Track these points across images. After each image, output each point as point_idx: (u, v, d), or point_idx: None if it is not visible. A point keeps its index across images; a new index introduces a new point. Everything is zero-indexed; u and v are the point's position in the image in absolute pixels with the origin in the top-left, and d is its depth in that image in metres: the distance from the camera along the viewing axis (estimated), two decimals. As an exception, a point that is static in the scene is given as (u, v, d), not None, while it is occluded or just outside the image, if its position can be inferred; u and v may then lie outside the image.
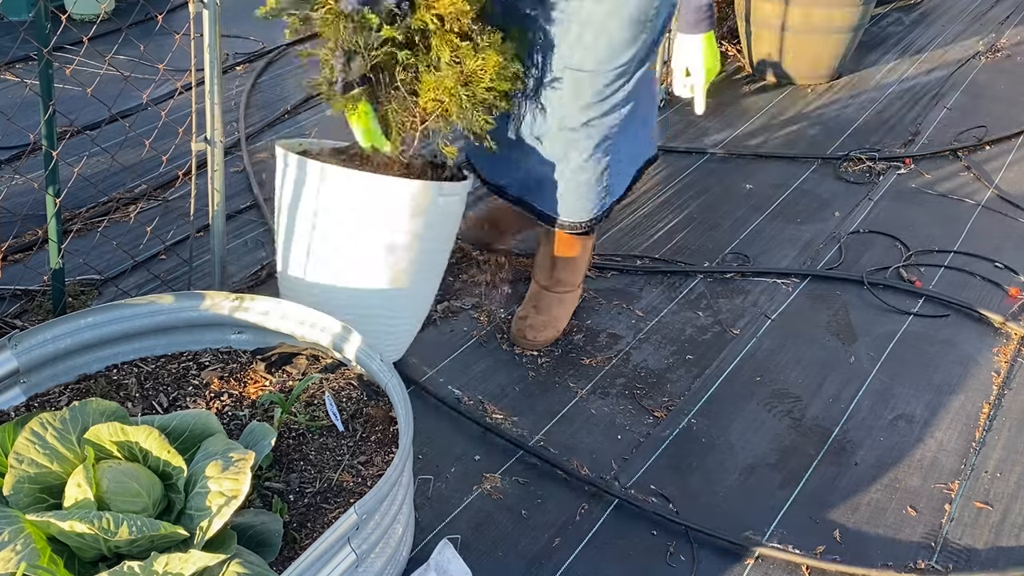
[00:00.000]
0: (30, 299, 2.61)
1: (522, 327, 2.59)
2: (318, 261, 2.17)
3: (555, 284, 2.62)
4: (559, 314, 2.63)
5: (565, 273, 2.61)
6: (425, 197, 2.13)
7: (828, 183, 3.51)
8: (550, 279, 2.62)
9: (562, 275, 2.62)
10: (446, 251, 2.37)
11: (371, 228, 2.12)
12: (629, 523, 2.08)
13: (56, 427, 1.62)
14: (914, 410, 2.42)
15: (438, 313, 2.70)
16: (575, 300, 2.70)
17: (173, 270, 2.84)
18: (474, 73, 2.05)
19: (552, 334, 2.60)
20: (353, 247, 2.14)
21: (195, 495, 1.58)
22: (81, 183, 2.85)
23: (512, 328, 2.61)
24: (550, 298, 2.62)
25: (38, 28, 2.07)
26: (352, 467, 1.82)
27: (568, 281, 2.64)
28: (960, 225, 3.23)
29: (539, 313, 2.61)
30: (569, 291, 2.65)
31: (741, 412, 2.40)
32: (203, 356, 2.11)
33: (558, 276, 2.62)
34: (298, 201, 2.14)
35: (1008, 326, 2.71)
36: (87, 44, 2.42)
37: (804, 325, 2.73)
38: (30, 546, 1.47)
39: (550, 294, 2.62)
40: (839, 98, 4.22)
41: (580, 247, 2.59)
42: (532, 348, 2.58)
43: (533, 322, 2.59)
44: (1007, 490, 2.19)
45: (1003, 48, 4.80)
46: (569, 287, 2.65)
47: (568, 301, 2.66)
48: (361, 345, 1.98)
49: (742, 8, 4.30)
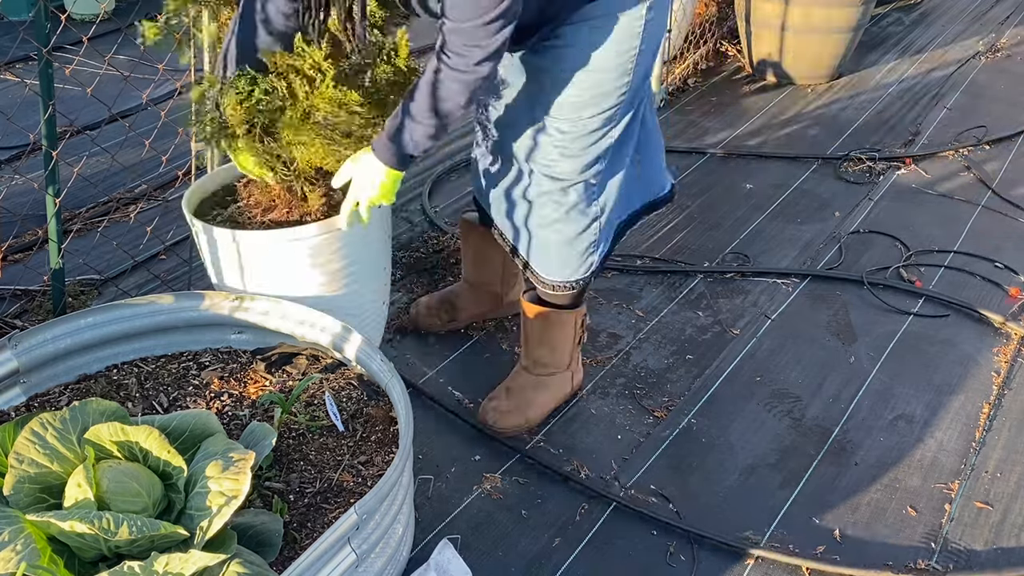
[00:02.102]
0: (30, 299, 2.61)
1: (486, 408, 2.31)
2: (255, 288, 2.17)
3: (533, 364, 2.33)
4: (532, 399, 2.31)
5: (542, 351, 2.31)
6: (332, 226, 2.08)
7: (828, 183, 3.51)
8: (528, 357, 2.34)
9: (538, 353, 2.31)
10: (385, 240, 2.28)
11: (294, 266, 2.09)
12: (629, 523, 2.08)
13: (56, 427, 1.62)
14: (914, 410, 2.42)
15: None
16: (562, 387, 2.36)
17: (173, 270, 2.84)
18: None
19: (517, 421, 2.29)
20: (285, 282, 2.12)
21: (195, 495, 1.58)
22: (81, 183, 2.85)
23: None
24: (525, 380, 2.33)
25: (38, 28, 2.07)
26: (352, 467, 1.82)
27: (547, 362, 2.32)
28: (960, 225, 3.22)
29: (508, 396, 2.31)
30: (550, 374, 2.34)
31: (741, 412, 2.40)
32: (203, 356, 2.11)
33: (535, 355, 2.32)
34: (218, 252, 2.14)
35: (1008, 326, 2.71)
36: (87, 44, 2.42)
37: (804, 325, 2.73)
38: (30, 546, 1.47)
39: (526, 375, 2.34)
40: (839, 98, 4.22)
41: (559, 321, 2.27)
42: (498, 435, 2.29)
43: (499, 404, 2.30)
44: (1007, 490, 2.19)
45: (1003, 48, 4.80)
46: (550, 369, 2.33)
47: (550, 387, 2.34)
48: (361, 345, 1.98)
49: (742, 8, 4.30)
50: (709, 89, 4.30)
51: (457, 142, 3.72)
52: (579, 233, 2.13)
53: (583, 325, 2.33)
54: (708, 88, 4.30)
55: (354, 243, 2.13)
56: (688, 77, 4.34)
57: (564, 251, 2.15)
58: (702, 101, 4.17)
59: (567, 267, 2.18)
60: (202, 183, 2.28)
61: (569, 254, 2.16)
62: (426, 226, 3.16)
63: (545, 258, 2.18)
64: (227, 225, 2.15)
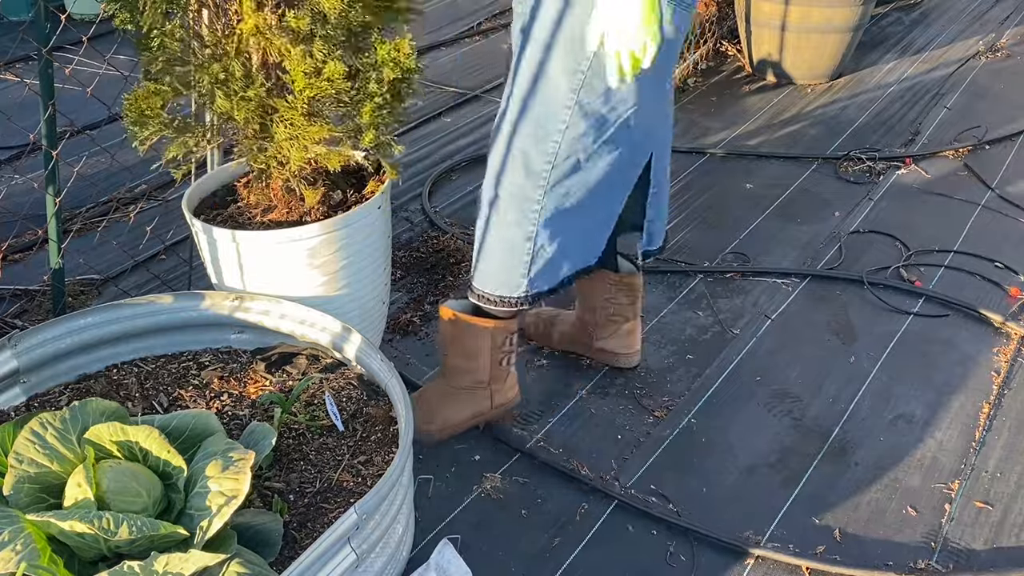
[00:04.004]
0: (30, 299, 2.62)
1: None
2: (255, 288, 2.17)
3: (447, 371, 2.23)
4: (436, 410, 2.21)
5: (454, 359, 2.20)
6: (331, 227, 2.09)
7: (828, 183, 3.51)
8: (445, 361, 2.23)
9: (450, 360, 2.20)
10: (385, 240, 2.27)
11: (293, 266, 2.09)
12: (629, 523, 2.08)
13: (56, 427, 1.62)
14: (914, 410, 2.42)
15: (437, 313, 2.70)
16: (475, 404, 2.22)
17: (173, 270, 2.84)
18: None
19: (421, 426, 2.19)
20: (285, 281, 2.13)
21: (195, 495, 1.58)
22: (81, 183, 2.85)
23: None
24: (435, 387, 2.25)
25: (38, 28, 2.07)
26: (352, 467, 1.82)
27: (457, 369, 2.20)
28: (960, 225, 3.22)
29: (417, 401, 2.22)
30: (462, 386, 2.21)
31: (741, 412, 2.40)
32: (203, 356, 2.11)
33: (450, 361, 2.21)
34: (217, 252, 2.14)
35: (1008, 326, 2.71)
36: (87, 44, 2.42)
37: (804, 325, 2.73)
38: (30, 546, 1.47)
39: (435, 384, 2.26)
40: (839, 98, 4.22)
41: (472, 324, 2.13)
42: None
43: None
44: (1007, 490, 2.19)
45: (1003, 48, 4.79)
46: (460, 380, 2.21)
47: (457, 399, 2.22)
48: (361, 345, 1.98)
49: (742, 8, 4.30)
50: (709, 89, 4.30)
51: (457, 142, 3.73)
52: (521, 241, 2.01)
53: (508, 343, 2.19)
54: (708, 88, 4.30)
55: (354, 243, 2.13)
56: (688, 77, 4.34)
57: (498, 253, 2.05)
58: (702, 101, 4.18)
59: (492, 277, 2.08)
60: (202, 183, 2.28)
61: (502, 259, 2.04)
62: (426, 226, 3.16)
63: (481, 260, 2.10)
64: (227, 225, 2.15)
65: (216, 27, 2.01)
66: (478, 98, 4.13)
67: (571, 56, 1.85)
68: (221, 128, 2.11)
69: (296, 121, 1.98)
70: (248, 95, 1.96)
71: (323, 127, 1.99)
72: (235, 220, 2.18)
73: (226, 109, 1.98)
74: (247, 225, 2.15)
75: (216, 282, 2.21)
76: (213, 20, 2.01)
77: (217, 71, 1.95)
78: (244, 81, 1.97)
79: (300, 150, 2.02)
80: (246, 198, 2.20)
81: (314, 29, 1.92)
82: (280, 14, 1.94)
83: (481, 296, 2.11)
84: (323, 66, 1.92)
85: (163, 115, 2.01)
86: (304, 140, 2.00)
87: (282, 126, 2.00)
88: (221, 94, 1.97)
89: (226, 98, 1.97)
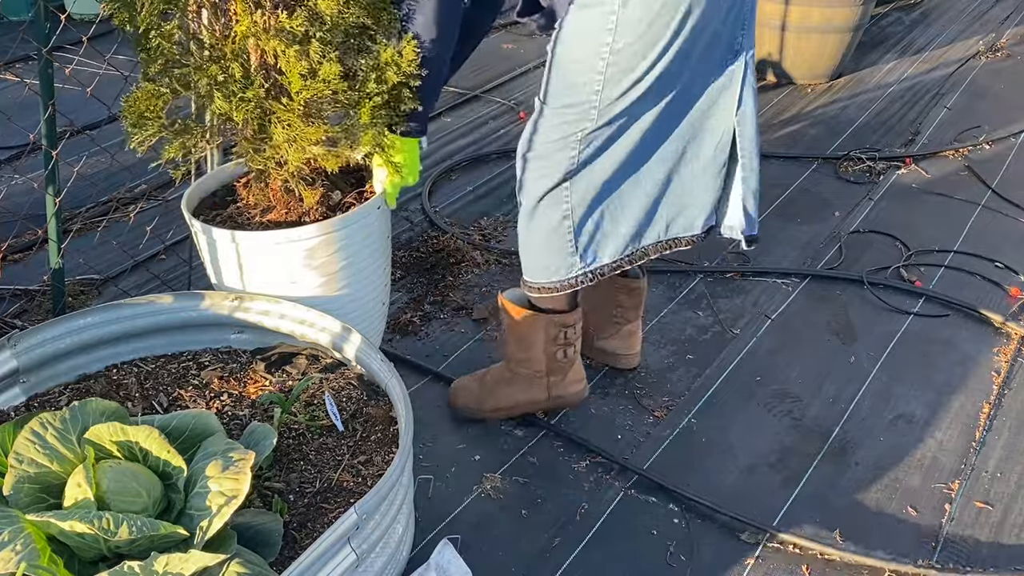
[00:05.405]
0: (30, 299, 2.62)
1: (457, 381, 2.36)
2: (254, 288, 2.17)
3: (507, 357, 2.30)
4: (494, 390, 2.29)
5: (511, 347, 2.27)
6: (329, 227, 2.08)
7: (828, 183, 3.51)
8: (506, 348, 2.30)
9: (509, 347, 2.28)
10: (384, 240, 2.26)
11: (293, 267, 2.09)
12: (629, 523, 2.08)
13: (56, 427, 1.62)
14: (914, 410, 2.42)
15: (436, 313, 2.70)
16: (532, 391, 2.28)
17: (173, 270, 2.84)
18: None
19: (467, 400, 2.31)
20: (284, 282, 2.12)
21: (195, 495, 1.58)
22: (81, 183, 2.85)
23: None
24: (499, 372, 2.32)
25: (38, 28, 2.07)
26: (352, 467, 1.82)
27: (515, 357, 2.27)
28: (960, 225, 3.22)
29: (480, 379, 2.32)
30: (521, 373, 2.27)
31: (741, 412, 2.40)
32: (203, 356, 2.11)
33: (508, 348, 2.29)
34: (217, 252, 2.14)
35: (1008, 326, 2.71)
36: (87, 44, 2.42)
37: (804, 325, 2.73)
38: (30, 546, 1.47)
39: (501, 368, 2.32)
40: (839, 98, 4.22)
41: (523, 316, 2.20)
42: (456, 408, 2.33)
43: (468, 382, 2.34)
44: (1007, 490, 2.19)
45: (1003, 48, 4.80)
46: (519, 367, 2.27)
47: (518, 383, 2.28)
48: (361, 345, 1.98)
49: (742, 8, 4.30)
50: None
51: (457, 142, 3.73)
52: (557, 223, 2.05)
53: (563, 336, 2.22)
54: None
55: (353, 243, 2.13)
56: (688, 77, 4.33)
57: (540, 242, 2.09)
58: (702, 101, 4.17)
59: (540, 267, 2.12)
60: (202, 183, 2.28)
61: (544, 248, 2.09)
62: (426, 226, 3.16)
63: (524, 254, 2.15)
64: (226, 225, 2.15)
65: (215, 28, 2.00)
66: (478, 98, 4.13)
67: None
68: (220, 128, 2.10)
69: (293, 123, 1.98)
70: (247, 96, 1.96)
71: (320, 128, 1.98)
72: (234, 220, 2.18)
73: (225, 110, 1.98)
74: (246, 225, 2.15)
75: (216, 282, 2.21)
76: (212, 20, 2.01)
77: (216, 72, 1.95)
78: (243, 82, 1.97)
79: (298, 151, 2.02)
80: (245, 198, 2.20)
81: (310, 31, 1.91)
82: (277, 16, 1.94)
83: (532, 288, 2.15)
84: (319, 67, 1.92)
85: (163, 117, 2.01)
86: (302, 141, 2.00)
87: (280, 127, 2.00)
88: (220, 95, 1.97)
89: (225, 99, 1.97)
